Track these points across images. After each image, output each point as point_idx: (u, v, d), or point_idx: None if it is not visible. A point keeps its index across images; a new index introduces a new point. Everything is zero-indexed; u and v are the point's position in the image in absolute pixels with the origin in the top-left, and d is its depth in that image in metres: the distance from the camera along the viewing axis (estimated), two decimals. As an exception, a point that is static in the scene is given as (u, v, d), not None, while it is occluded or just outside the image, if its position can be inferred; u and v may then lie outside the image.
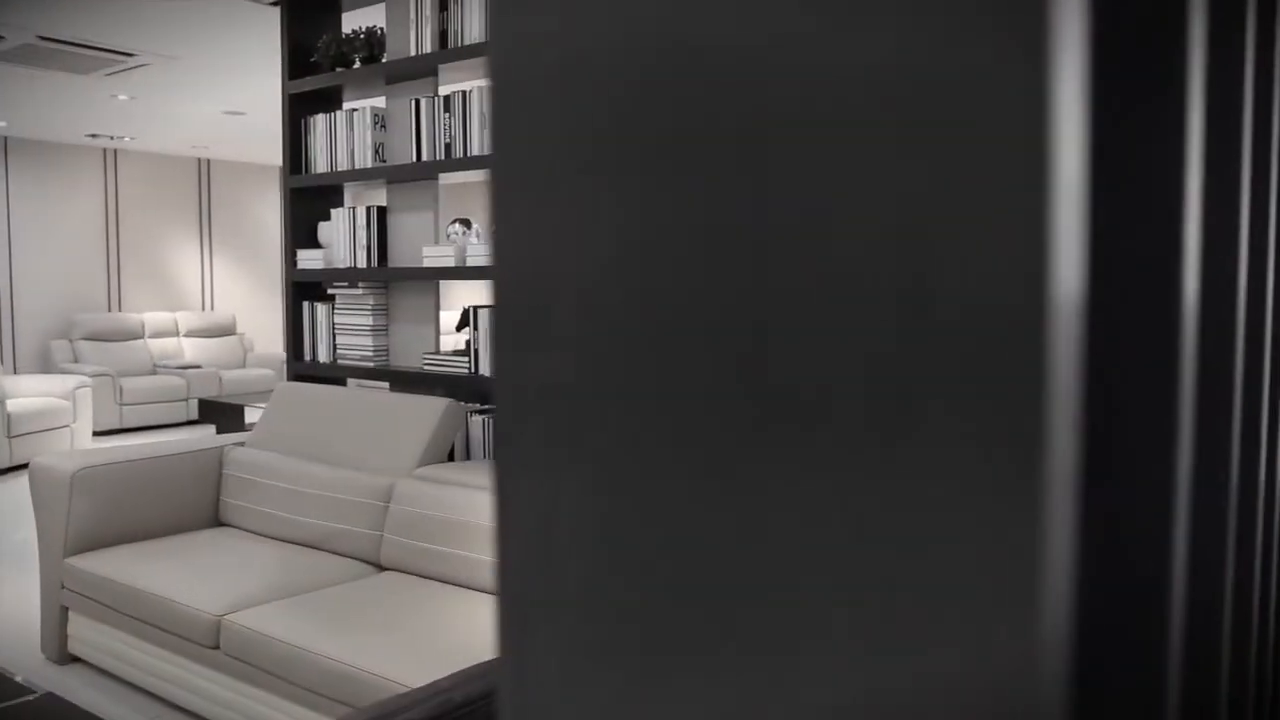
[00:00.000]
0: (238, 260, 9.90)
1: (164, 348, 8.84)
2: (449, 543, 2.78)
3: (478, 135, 3.28)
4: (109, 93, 6.37)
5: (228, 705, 2.60)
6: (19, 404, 6.57)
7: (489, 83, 0.29)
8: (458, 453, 3.35)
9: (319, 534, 3.11)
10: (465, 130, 3.31)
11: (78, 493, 3.11)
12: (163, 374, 8.51)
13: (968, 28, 0.16)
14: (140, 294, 9.13)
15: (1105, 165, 0.19)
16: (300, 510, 3.17)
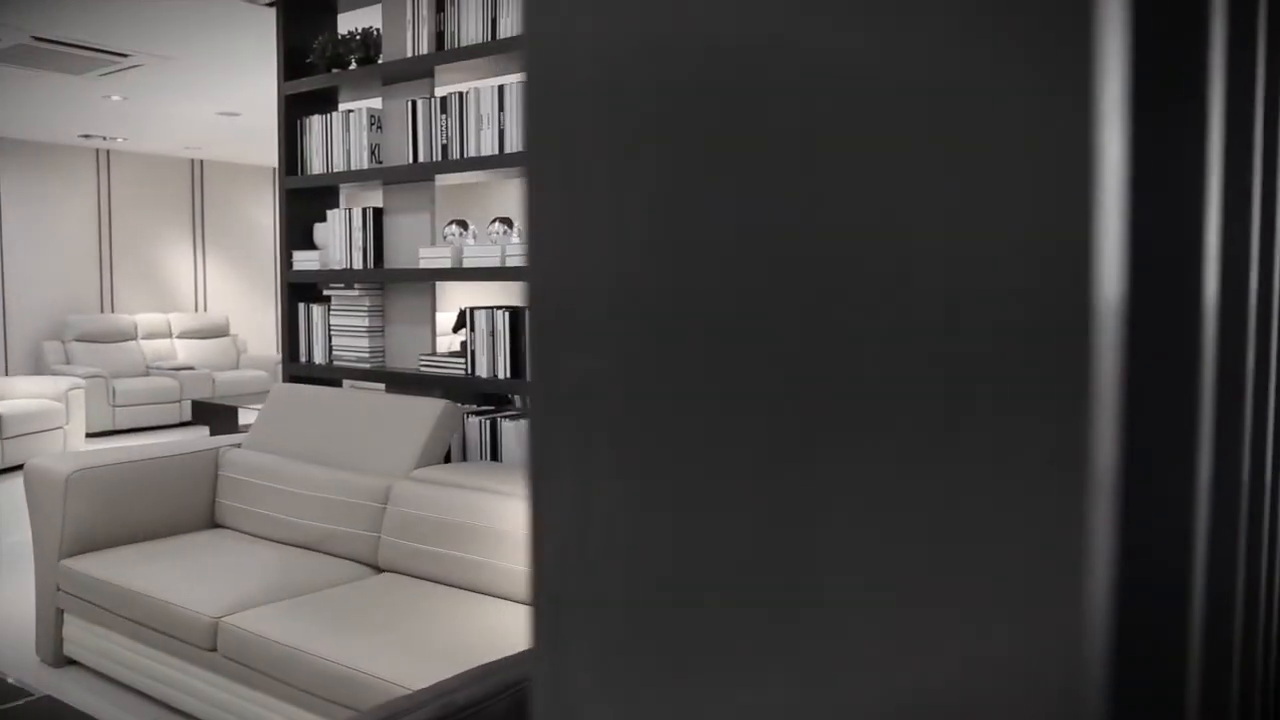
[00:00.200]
0: (231, 261, 9.87)
1: (157, 349, 8.81)
2: (446, 544, 2.78)
3: (474, 137, 3.28)
4: (102, 93, 6.35)
5: (225, 707, 2.60)
6: (11, 405, 6.54)
7: (524, 78, 0.29)
8: (454, 454, 3.35)
9: (316, 536, 3.11)
10: (462, 132, 3.31)
11: (73, 495, 3.10)
12: (156, 375, 8.49)
13: (1016, 44, 0.17)
14: (133, 295, 9.09)
15: (1141, 172, 0.19)
16: (297, 512, 3.17)
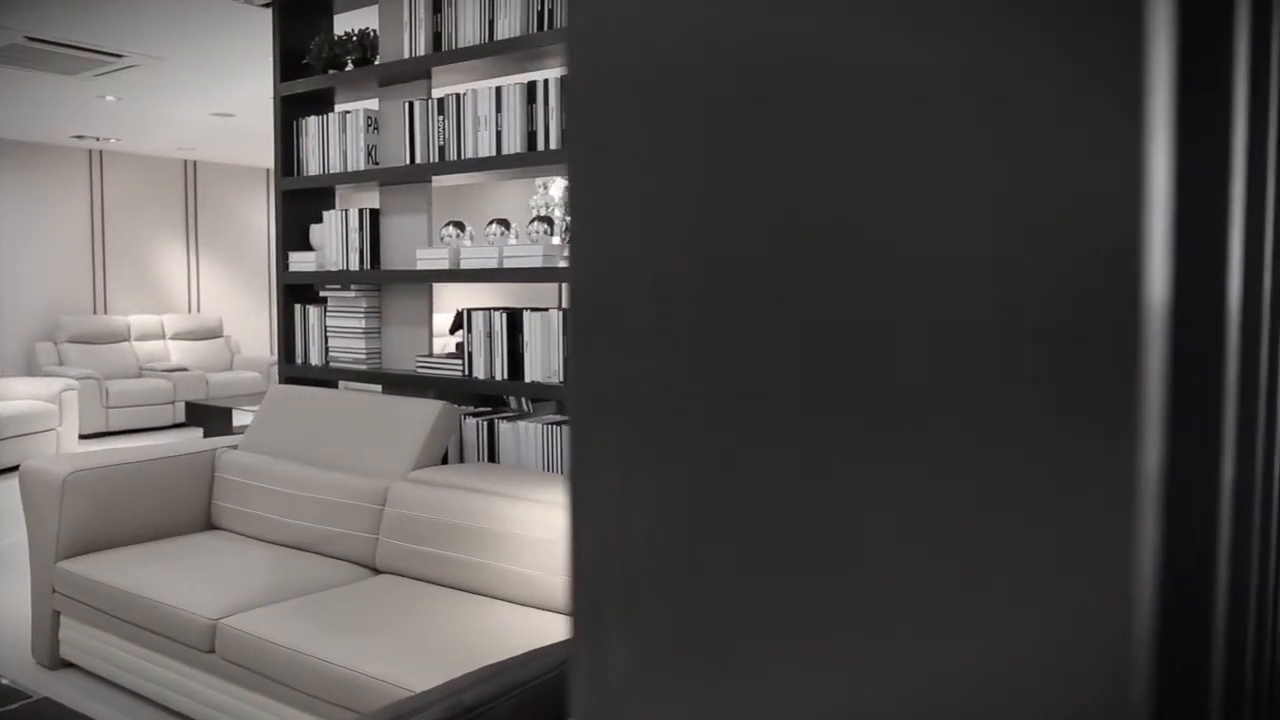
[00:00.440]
0: (224, 263, 9.85)
1: (150, 350, 8.78)
2: (444, 545, 2.78)
3: (471, 138, 3.28)
4: (96, 94, 6.34)
5: (223, 709, 2.60)
6: (4, 407, 6.51)
7: (567, 77, 0.30)
8: (450, 456, 3.35)
9: (313, 537, 3.10)
10: (459, 133, 3.32)
11: (69, 497, 3.09)
12: (149, 377, 8.46)
13: (1073, 62, 0.17)
14: (126, 296, 9.06)
15: (1183, 179, 0.20)
16: (294, 513, 3.16)
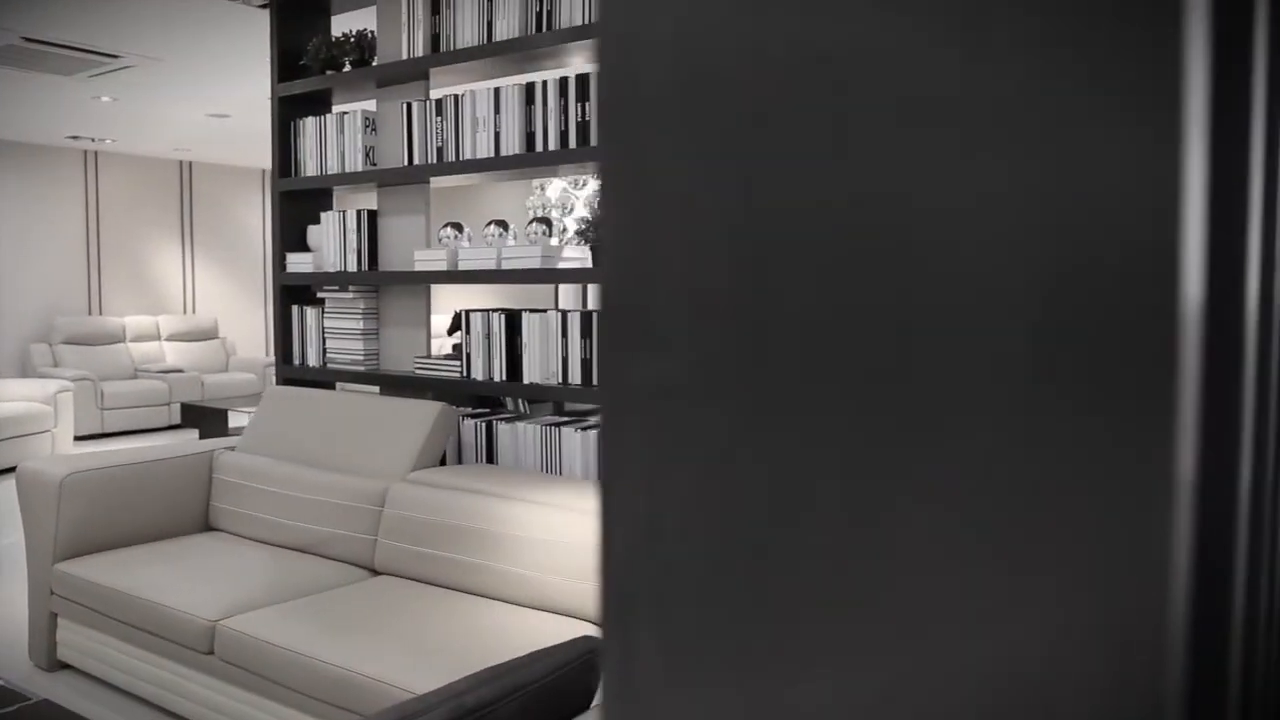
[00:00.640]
0: (219, 263, 9.83)
1: (145, 351, 8.76)
2: (443, 547, 2.78)
3: (470, 139, 3.28)
4: (91, 94, 6.32)
5: (222, 710, 2.59)
6: (-1, 409, 6.49)
7: (599, 77, 0.30)
8: (448, 457, 3.34)
9: (312, 538, 3.10)
10: (457, 134, 3.32)
11: (67, 498, 3.08)
12: (144, 378, 8.44)
13: (1114, 79, 0.18)
14: (121, 297, 9.04)
15: (1217, 184, 0.20)
16: (293, 515, 3.16)
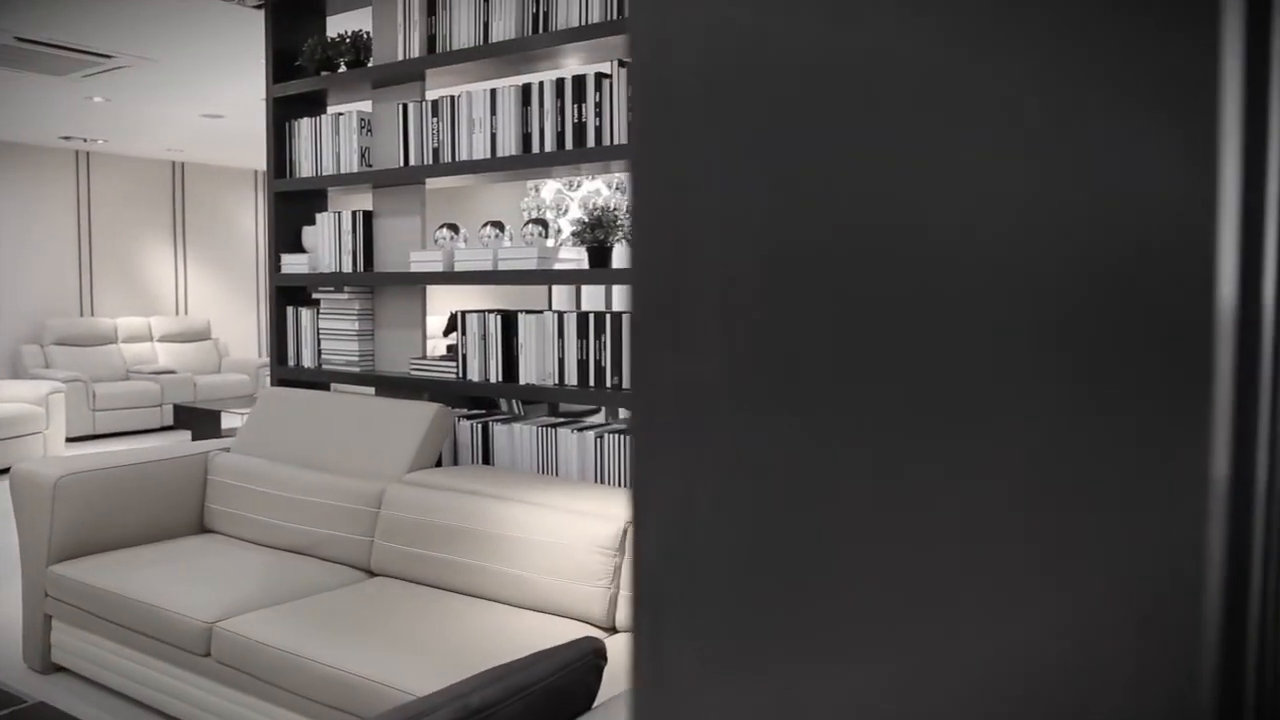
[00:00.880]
0: (212, 264, 9.80)
1: (137, 353, 8.72)
2: (440, 548, 2.78)
3: (466, 140, 3.28)
4: (84, 94, 6.30)
5: (218, 713, 2.59)
6: (-10, 410, 6.46)
7: (634, 77, 0.30)
8: (444, 458, 3.34)
9: (308, 540, 3.09)
10: (453, 135, 3.32)
11: (61, 500, 3.07)
12: (136, 379, 8.40)
13: (1150, 70, 0.18)
14: (113, 298, 9.01)
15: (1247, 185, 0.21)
16: (288, 516, 3.15)
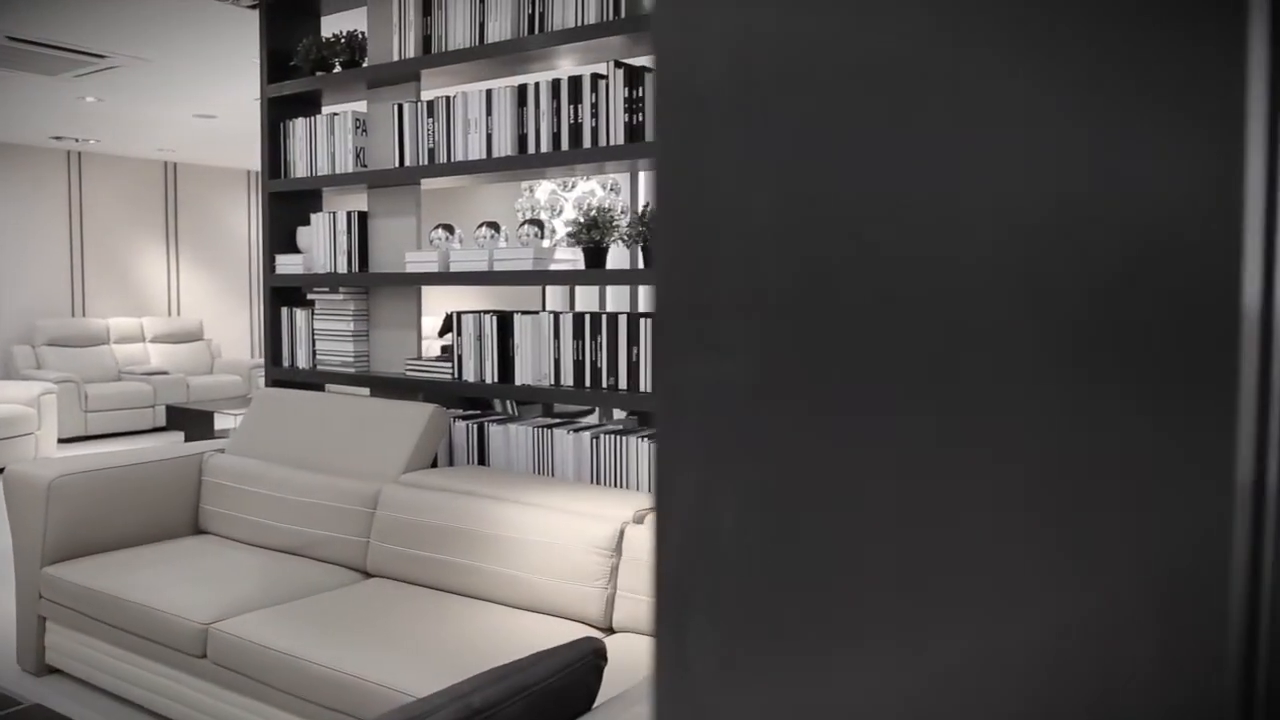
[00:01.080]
0: (204, 265, 9.77)
1: (129, 353, 8.69)
2: (436, 549, 2.78)
3: (461, 140, 3.28)
4: (76, 94, 6.27)
5: (215, 714, 2.58)
6: (-18, 412, 6.42)
7: (655, 74, 0.31)
8: (440, 458, 3.34)
9: (303, 541, 3.09)
10: (449, 135, 3.31)
11: (55, 501, 3.06)
12: (128, 380, 8.37)
13: (1177, 68, 0.19)
14: (105, 299, 8.97)
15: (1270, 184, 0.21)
16: (284, 517, 3.15)
